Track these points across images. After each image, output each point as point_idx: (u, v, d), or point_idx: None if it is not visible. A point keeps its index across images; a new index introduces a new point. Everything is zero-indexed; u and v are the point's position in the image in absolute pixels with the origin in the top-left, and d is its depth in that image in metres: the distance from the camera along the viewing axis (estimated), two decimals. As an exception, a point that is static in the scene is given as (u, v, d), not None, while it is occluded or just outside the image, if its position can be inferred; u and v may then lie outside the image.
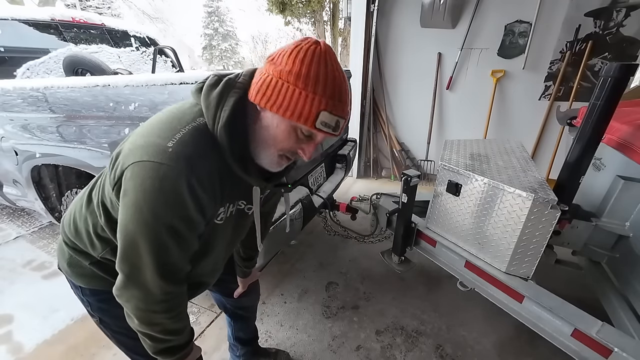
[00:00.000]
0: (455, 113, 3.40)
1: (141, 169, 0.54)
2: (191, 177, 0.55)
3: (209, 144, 0.59)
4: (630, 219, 1.24)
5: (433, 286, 1.92)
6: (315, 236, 2.48)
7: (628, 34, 2.58)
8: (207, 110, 0.59)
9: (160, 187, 0.54)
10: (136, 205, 0.55)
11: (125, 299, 0.62)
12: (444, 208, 1.34)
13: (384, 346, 1.53)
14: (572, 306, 1.04)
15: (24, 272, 2.07)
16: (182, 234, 0.59)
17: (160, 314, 0.63)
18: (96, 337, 1.54)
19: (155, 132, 0.57)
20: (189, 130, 0.57)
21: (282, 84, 0.54)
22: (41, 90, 1.52)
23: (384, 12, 3.25)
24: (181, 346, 0.70)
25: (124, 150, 0.58)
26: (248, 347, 1.33)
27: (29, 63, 2.12)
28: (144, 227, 0.56)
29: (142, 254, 0.58)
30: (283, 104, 0.54)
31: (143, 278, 0.59)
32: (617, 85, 1.05)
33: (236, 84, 0.61)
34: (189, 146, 0.56)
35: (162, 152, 0.54)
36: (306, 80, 0.53)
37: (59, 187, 1.93)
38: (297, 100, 0.54)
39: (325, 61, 0.55)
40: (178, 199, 0.56)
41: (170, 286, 0.62)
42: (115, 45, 2.72)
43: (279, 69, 0.55)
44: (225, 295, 1.17)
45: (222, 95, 0.59)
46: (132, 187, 0.55)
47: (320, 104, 0.54)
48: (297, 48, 0.55)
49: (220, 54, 23.50)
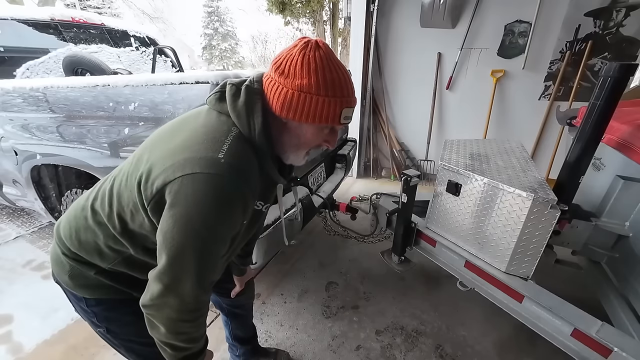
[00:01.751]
0: (455, 113, 3.40)
1: (193, 180, 0.55)
2: (246, 188, 0.59)
3: (250, 151, 0.63)
4: (630, 218, 1.24)
5: (433, 286, 1.92)
6: (315, 236, 2.48)
7: (628, 34, 2.58)
8: (238, 119, 0.63)
9: (215, 198, 0.55)
10: (187, 216, 0.55)
11: (157, 309, 0.61)
12: (444, 208, 1.34)
13: (384, 346, 1.53)
14: (571, 306, 1.04)
15: (24, 272, 2.07)
16: (225, 240, 0.62)
17: (188, 323, 0.64)
18: (96, 337, 1.52)
19: (197, 147, 0.58)
20: (233, 140, 0.60)
21: (305, 97, 0.60)
22: (41, 90, 1.52)
23: (384, 12, 3.25)
24: (199, 352, 0.70)
25: (161, 165, 0.58)
26: (247, 346, 1.33)
27: (29, 63, 2.12)
28: (193, 238, 0.56)
29: (187, 264, 0.58)
30: (313, 113, 0.61)
31: (182, 288, 0.59)
32: (616, 85, 1.05)
33: (255, 90, 0.65)
34: (240, 157, 0.60)
35: (216, 164, 0.56)
36: (325, 89, 0.60)
37: (58, 187, 1.93)
38: (323, 107, 0.60)
39: (331, 63, 0.61)
40: (232, 209, 0.58)
41: (204, 295, 0.63)
42: (115, 45, 2.72)
43: (297, 83, 0.59)
44: (221, 294, 1.18)
45: (249, 104, 0.63)
46: (182, 198, 0.55)
47: (343, 103, 0.62)
48: (306, 59, 0.59)
49: (220, 54, 23.50)
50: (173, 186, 0.55)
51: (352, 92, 0.64)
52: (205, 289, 0.63)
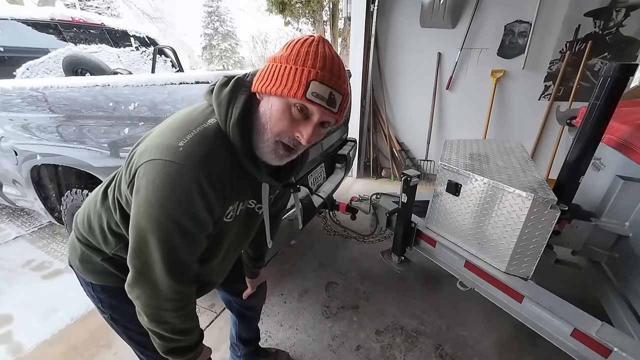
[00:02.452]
0: (455, 113, 3.40)
1: (153, 166, 0.56)
2: (201, 176, 0.57)
3: (220, 143, 0.61)
4: (630, 218, 1.24)
5: (433, 286, 1.92)
6: (315, 236, 2.48)
7: (628, 34, 2.58)
8: (218, 108, 0.61)
9: (171, 185, 0.55)
10: (147, 202, 0.56)
11: (136, 295, 0.63)
12: (444, 208, 1.34)
13: (384, 346, 1.53)
14: (571, 306, 1.04)
15: (24, 272, 2.07)
16: (190, 233, 0.61)
17: (169, 312, 0.64)
18: (96, 337, 1.54)
19: (168, 133, 0.59)
20: (200, 131, 0.59)
21: (275, 66, 0.58)
22: (41, 90, 1.52)
23: (383, 12, 3.25)
24: (191, 347, 0.70)
25: (139, 149, 0.61)
26: (249, 347, 1.34)
27: (29, 63, 2.12)
28: (154, 224, 0.57)
29: (152, 250, 0.59)
30: (275, 82, 0.57)
31: (153, 275, 0.60)
32: (616, 85, 1.05)
33: (245, 82, 0.64)
34: (200, 145, 0.58)
35: (174, 151, 0.56)
36: (296, 58, 0.56)
37: (58, 187, 1.93)
38: (287, 75, 0.56)
39: (317, 43, 0.57)
40: (187, 197, 0.57)
41: (179, 285, 0.63)
42: (114, 45, 2.71)
43: (274, 57, 0.59)
44: (233, 294, 1.17)
45: (233, 93, 0.62)
46: (144, 184, 0.56)
47: (310, 74, 0.55)
48: (297, 39, 0.58)
49: (220, 54, 23.51)
50: (140, 171, 0.57)
51: (333, 71, 0.57)
52: (179, 280, 0.62)
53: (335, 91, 0.57)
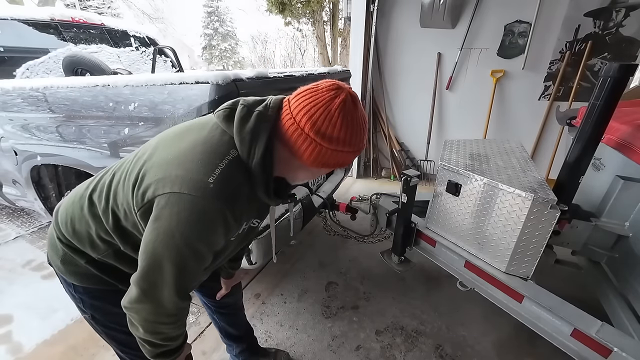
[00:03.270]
0: (455, 113, 3.40)
1: (179, 200, 0.57)
2: (227, 212, 0.60)
3: (244, 177, 0.63)
4: (630, 218, 1.24)
5: (433, 286, 1.92)
6: (315, 236, 2.48)
7: (627, 34, 2.58)
8: (241, 144, 0.63)
9: (198, 220, 0.57)
10: (168, 232, 0.57)
11: (135, 311, 0.63)
12: (444, 208, 1.34)
13: (384, 346, 1.53)
14: (571, 306, 1.04)
15: (24, 272, 2.07)
16: (205, 256, 0.63)
17: (166, 325, 0.66)
18: (96, 337, 1.52)
19: (192, 165, 0.59)
20: (226, 165, 0.61)
21: (337, 153, 0.62)
22: (41, 90, 1.52)
23: (383, 12, 3.25)
24: (177, 348, 0.72)
25: (154, 173, 0.60)
26: (242, 344, 1.32)
27: (29, 63, 2.12)
28: (173, 252, 0.58)
29: (165, 275, 0.60)
30: (334, 163, 0.64)
31: (159, 295, 0.61)
32: (616, 85, 1.05)
33: (267, 116, 0.63)
34: (229, 183, 0.60)
35: (204, 188, 0.57)
36: (352, 144, 0.62)
37: (58, 187, 1.93)
38: (345, 159, 0.64)
39: (361, 121, 0.63)
40: (212, 229, 0.60)
41: (183, 302, 0.65)
42: (114, 45, 2.72)
43: (335, 145, 0.61)
44: (206, 295, 1.18)
45: (255, 131, 0.62)
46: (167, 215, 0.57)
47: (356, 153, 0.65)
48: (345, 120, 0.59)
49: (220, 54, 23.50)
50: (160, 200, 0.58)
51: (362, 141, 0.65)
52: (184, 298, 0.64)
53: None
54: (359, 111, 0.62)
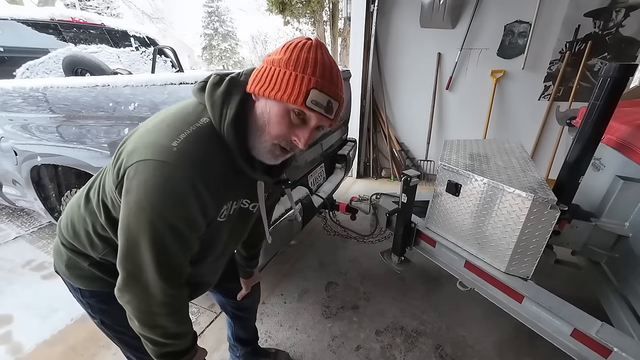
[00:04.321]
0: (455, 113, 3.40)
1: (145, 167, 0.54)
2: (195, 177, 0.56)
3: (215, 143, 0.60)
4: (630, 219, 1.24)
5: (433, 286, 1.92)
6: (315, 236, 2.48)
7: (627, 34, 2.59)
8: (212, 109, 0.61)
9: (164, 186, 0.54)
10: (138, 204, 0.55)
11: (127, 300, 0.62)
12: (444, 208, 1.34)
13: (384, 346, 1.53)
14: (571, 306, 1.04)
15: (24, 272, 2.06)
16: (183, 234, 0.60)
17: (161, 317, 0.63)
18: (96, 338, 1.54)
19: (159, 132, 0.58)
20: (194, 130, 0.58)
21: (274, 70, 0.57)
22: (41, 90, 1.52)
23: (383, 12, 3.25)
24: (184, 350, 0.69)
25: (127, 148, 0.59)
26: (248, 347, 1.34)
27: (29, 63, 2.12)
28: (146, 226, 0.56)
29: (144, 253, 0.57)
30: (275, 86, 0.57)
31: (144, 278, 0.59)
32: (616, 85, 1.05)
33: (239, 82, 0.63)
34: (195, 146, 0.57)
35: (167, 152, 0.54)
36: (296, 64, 0.56)
37: (58, 187, 1.93)
38: (288, 81, 0.56)
39: (316, 49, 0.58)
40: (181, 199, 0.56)
41: (172, 289, 0.62)
42: (114, 45, 2.71)
43: (272, 59, 0.58)
44: (226, 296, 1.17)
45: (227, 93, 0.61)
46: (135, 186, 0.55)
47: (310, 82, 0.56)
48: (290, 41, 0.59)
49: (220, 54, 23.52)
50: (130, 171, 0.56)
51: (332, 80, 0.58)
52: (171, 283, 0.61)
53: (332, 99, 0.59)
54: (322, 48, 0.59)
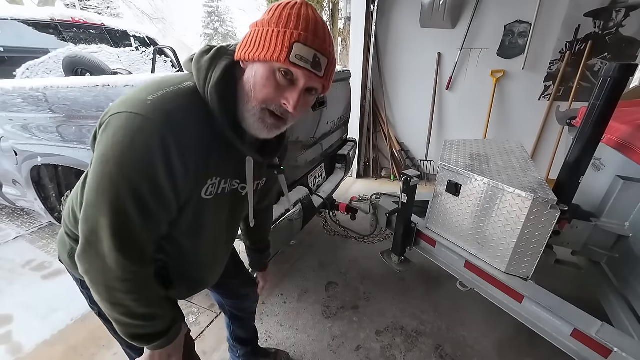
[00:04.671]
0: (455, 113, 3.40)
1: (116, 119, 0.52)
2: (166, 133, 0.52)
3: (196, 106, 0.57)
4: (630, 219, 1.24)
5: (433, 286, 1.92)
6: (315, 236, 2.48)
7: (627, 34, 2.58)
8: (197, 73, 0.58)
9: (132, 139, 0.51)
10: (103, 157, 0.52)
11: (85, 270, 0.58)
12: (444, 208, 1.34)
13: (384, 346, 1.53)
14: (571, 306, 1.04)
15: (24, 272, 2.06)
16: (145, 202, 0.55)
17: (121, 294, 0.58)
18: (96, 337, 1.54)
19: (137, 89, 0.56)
20: (174, 89, 0.56)
21: (258, 31, 0.55)
22: (41, 90, 1.52)
23: (383, 12, 3.25)
24: (158, 333, 0.65)
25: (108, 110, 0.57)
26: (248, 347, 1.34)
27: (29, 63, 2.12)
28: (107, 184, 0.52)
29: (100, 216, 0.53)
30: (258, 47, 0.54)
31: (101, 247, 0.55)
32: (616, 85, 1.05)
33: (228, 51, 0.61)
34: (171, 102, 0.54)
35: (141, 104, 0.52)
36: (278, 21, 0.54)
37: (58, 187, 1.93)
38: (270, 39, 0.53)
39: (300, 6, 0.55)
40: (148, 155, 0.52)
41: (131, 264, 0.57)
42: (114, 45, 2.71)
43: (259, 21, 0.56)
44: (225, 296, 1.17)
45: (214, 58, 0.59)
46: (104, 138, 0.52)
47: (292, 36, 0.53)
48: (281, 4, 0.56)
49: (220, 54, 23.51)
50: (103, 126, 0.54)
51: (317, 33, 0.54)
52: (130, 257, 0.56)
53: (319, 53, 0.55)
54: (308, 8, 0.56)
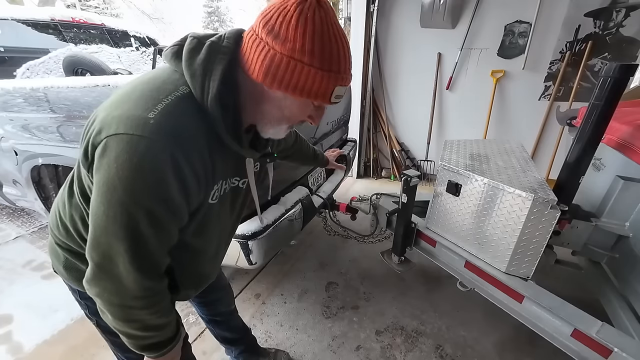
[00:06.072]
0: (455, 113, 3.39)
1: (116, 142, 0.48)
2: (177, 153, 0.50)
3: (197, 115, 0.54)
4: (630, 219, 1.24)
5: (433, 286, 1.92)
6: (315, 236, 2.48)
7: (628, 34, 2.58)
8: (192, 80, 0.54)
9: (139, 164, 0.47)
10: (109, 184, 0.48)
11: (96, 293, 0.55)
12: (444, 208, 1.34)
13: (384, 346, 1.53)
14: (571, 306, 1.04)
15: (24, 272, 2.06)
16: (161, 221, 0.53)
17: (137, 310, 0.57)
18: (96, 337, 1.53)
19: (130, 102, 0.51)
20: (172, 100, 0.52)
21: (295, 65, 0.50)
22: (41, 90, 1.52)
23: (383, 12, 3.25)
24: (168, 341, 0.64)
25: (96, 123, 0.51)
26: (240, 346, 1.32)
27: (29, 63, 2.12)
28: (118, 210, 0.49)
29: (115, 241, 0.51)
30: (302, 87, 0.52)
31: (116, 270, 0.53)
32: (616, 85, 1.05)
33: (221, 48, 0.55)
34: (175, 118, 0.51)
35: (142, 125, 0.48)
36: (321, 60, 0.51)
37: (58, 187, 1.93)
38: (314, 80, 0.52)
39: (331, 29, 0.51)
40: (159, 178, 0.49)
41: (148, 281, 0.56)
42: (115, 45, 2.72)
43: (289, 47, 0.49)
44: (199, 304, 1.18)
45: (208, 62, 0.54)
46: (105, 163, 0.48)
47: (337, 80, 0.53)
48: (302, 17, 0.49)
49: (220, 54, 23.52)
50: (99, 149, 0.49)
51: (349, 68, 0.55)
52: (148, 275, 0.55)
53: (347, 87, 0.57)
54: (330, 17, 0.50)
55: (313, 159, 1.26)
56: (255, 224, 1.27)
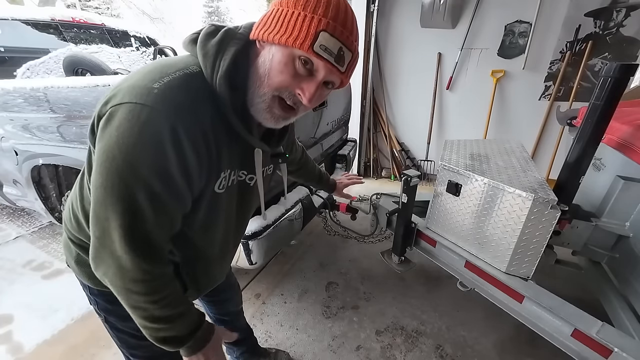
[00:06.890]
0: (455, 113, 3.40)
1: (119, 111, 0.48)
2: (177, 124, 0.49)
3: (204, 94, 0.53)
4: (630, 219, 1.24)
5: (433, 286, 1.92)
6: (315, 236, 2.48)
7: (628, 34, 2.58)
8: (204, 59, 0.54)
9: (139, 132, 0.47)
10: (109, 152, 0.48)
11: (102, 272, 0.55)
12: (444, 208, 1.34)
13: (384, 346, 1.53)
14: (572, 306, 1.04)
15: (24, 272, 2.07)
16: (158, 196, 0.51)
17: (138, 296, 0.55)
18: (96, 337, 1.54)
19: (139, 76, 0.51)
20: (180, 75, 0.52)
21: (281, 11, 0.51)
22: (41, 90, 1.52)
23: (384, 12, 3.25)
24: (185, 336, 0.61)
25: (105, 95, 0.52)
26: (242, 347, 1.33)
27: (29, 63, 2.12)
28: (115, 180, 0.48)
29: (111, 214, 0.50)
30: (279, 29, 0.50)
31: (112, 245, 0.52)
32: (617, 85, 1.05)
33: (237, 34, 0.57)
34: (179, 90, 0.50)
35: (146, 93, 0.48)
36: (306, 3, 0.49)
37: (59, 187, 1.93)
38: (295, 22, 0.49)
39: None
40: (158, 148, 0.48)
41: (146, 264, 0.53)
42: (115, 45, 2.72)
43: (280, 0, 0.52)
44: (208, 303, 1.18)
45: (222, 43, 0.54)
46: (107, 132, 0.48)
47: (320, 23, 0.49)
48: None
49: (220, 54, 23.53)
50: (103, 119, 0.49)
51: (346, 25, 0.51)
52: (145, 257, 0.53)
53: (345, 47, 0.52)
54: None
55: (318, 179, 1.24)
56: (256, 223, 1.27)
